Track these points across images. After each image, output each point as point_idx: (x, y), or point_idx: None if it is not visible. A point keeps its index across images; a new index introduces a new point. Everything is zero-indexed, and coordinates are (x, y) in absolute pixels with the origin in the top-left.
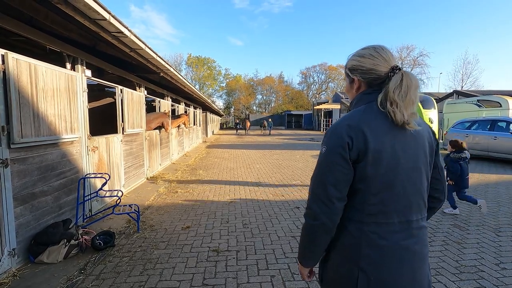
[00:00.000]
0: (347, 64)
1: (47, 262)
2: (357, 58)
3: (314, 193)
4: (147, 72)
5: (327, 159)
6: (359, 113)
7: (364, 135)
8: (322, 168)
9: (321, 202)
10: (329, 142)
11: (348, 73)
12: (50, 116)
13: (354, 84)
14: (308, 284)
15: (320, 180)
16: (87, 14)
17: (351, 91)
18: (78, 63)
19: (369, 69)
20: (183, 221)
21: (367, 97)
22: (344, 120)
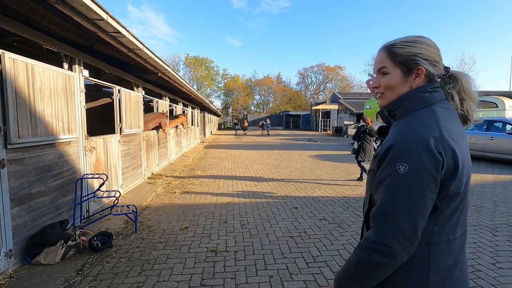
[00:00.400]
0: (400, 50)
1: (44, 263)
2: (421, 45)
3: (397, 229)
4: (145, 72)
5: (415, 184)
6: (435, 116)
7: (452, 147)
8: (408, 195)
9: (406, 240)
10: (414, 159)
11: (402, 61)
12: (47, 117)
13: (414, 76)
14: (307, 285)
15: (407, 212)
16: (85, 14)
17: (404, 85)
18: (75, 63)
19: (436, 61)
20: (181, 222)
21: (435, 95)
22: (425, 127)
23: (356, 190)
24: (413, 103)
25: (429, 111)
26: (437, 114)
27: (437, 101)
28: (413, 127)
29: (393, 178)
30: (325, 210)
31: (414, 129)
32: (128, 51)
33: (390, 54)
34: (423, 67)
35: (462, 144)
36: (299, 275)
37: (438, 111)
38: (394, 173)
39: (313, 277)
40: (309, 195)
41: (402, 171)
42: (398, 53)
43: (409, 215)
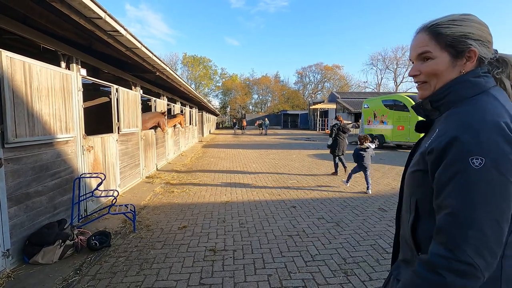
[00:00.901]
0: (448, 31)
1: (42, 262)
2: (471, 23)
3: (482, 240)
4: (143, 71)
5: (498, 180)
6: (499, 101)
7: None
8: (491, 195)
9: (491, 254)
10: (492, 150)
11: (451, 43)
12: (45, 116)
13: (465, 59)
14: (306, 283)
15: (492, 217)
16: (82, 13)
17: (453, 70)
18: (73, 62)
19: (488, 41)
20: (179, 221)
21: (489, 80)
22: (493, 112)
23: (353, 189)
24: (466, 88)
25: (489, 96)
26: (500, 99)
27: (492, 86)
28: (479, 113)
29: (467, 176)
30: (323, 209)
31: (481, 115)
32: (126, 50)
33: (434, 36)
34: (475, 49)
35: None
36: (297, 274)
37: (498, 96)
38: (467, 170)
39: (311, 276)
40: (307, 194)
41: (478, 166)
42: (445, 33)
43: (495, 220)
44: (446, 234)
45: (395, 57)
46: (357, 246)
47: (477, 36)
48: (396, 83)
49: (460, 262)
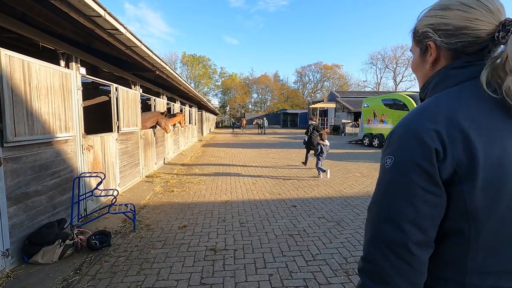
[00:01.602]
0: (418, 25)
1: (42, 262)
2: (437, 12)
3: (378, 236)
4: (143, 70)
5: (399, 178)
6: (450, 98)
7: (466, 135)
8: (389, 193)
9: (391, 252)
10: (399, 149)
11: (418, 39)
12: (44, 115)
13: (428, 55)
14: (307, 283)
15: (387, 215)
16: (82, 11)
17: (423, 66)
18: (72, 60)
19: (460, 27)
20: (179, 220)
21: (461, 73)
22: (423, 111)
23: (354, 188)
24: (438, 84)
25: (453, 90)
26: (457, 95)
27: (463, 80)
28: (415, 111)
29: (379, 173)
30: (323, 208)
31: (413, 114)
32: (125, 48)
33: (412, 32)
34: (432, 41)
35: (504, 144)
36: (298, 273)
37: (460, 92)
38: (381, 168)
39: (312, 275)
40: (307, 193)
41: (388, 165)
42: (416, 28)
43: (389, 218)
44: (365, 232)
45: (394, 56)
46: (358, 246)
47: (437, 26)
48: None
49: (365, 261)
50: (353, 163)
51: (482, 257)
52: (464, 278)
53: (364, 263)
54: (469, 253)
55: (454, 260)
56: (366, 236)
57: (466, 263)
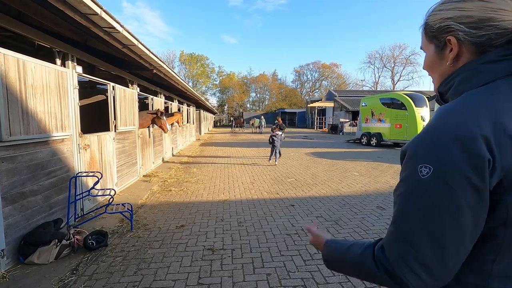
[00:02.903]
0: (431, 20)
1: (38, 263)
2: (455, 4)
3: (415, 257)
4: (140, 69)
5: (441, 192)
6: (488, 98)
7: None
8: (430, 208)
9: (425, 273)
10: (440, 157)
11: (433, 34)
12: (40, 114)
13: (448, 51)
14: (305, 282)
15: (428, 233)
16: (77, 9)
17: (441, 63)
18: (68, 59)
19: (484, 18)
20: (177, 220)
21: (495, 69)
22: (462, 112)
23: (351, 187)
24: (465, 80)
25: (489, 88)
26: (500, 91)
27: (498, 78)
28: (450, 113)
29: (410, 183)
30: (321, 207)
31: (449, 116)
32: (122, 47)
33: (424, 27)
34: (452, 36)
35: None
36: (296, 273)
37: (505, 86)
38: (413, 177)
39: (310, 275)
40: (305, 192)
41: (425, 175)
42: (429, 23)
43: (432, 238)
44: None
45: (392, 56)
46: None
47: (458, 19)
48: (394, 81)
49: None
50: (351, 162)
51: (508, 262)
52: (487, 282)
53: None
54: (498, 258)
55: (481, 265)
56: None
57: (492, 267)
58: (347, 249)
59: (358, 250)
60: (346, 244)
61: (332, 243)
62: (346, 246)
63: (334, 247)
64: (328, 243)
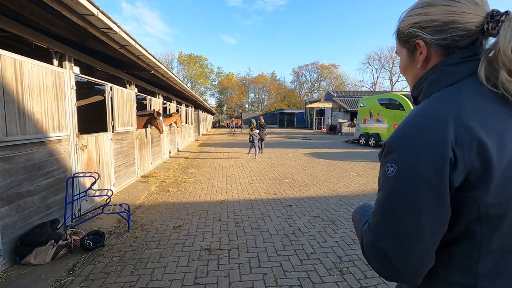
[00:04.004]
0: (401, 26)
1: (34, 263)
2: (421, 10)
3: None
4: (138, 69)
5: (404, 192)
6: (452, 99)
7: (477, 138)
8: (393, 207)
9: (387, 263)
10: (403, 157)
11: (404, 39)
12: (37, 114)
13: (418, 54)
14: (301, 282)
15: (392, 231)
16: (74, 9)
17: (413, 66)
18: (65, 59)
19: (448, 21)
20: (174, 220)
21: (458, 70)
22: (429, 114)
23: (349, 188)
24: (433, 82)
25: (453, 89)
26: (463, 91)
27: (461, 78)
28: (416, 114)
29: (381, 182)
30: (319, 207)
31: (415, 116)
32: (120, 47)
33: (396, 34)
34: (421, 39)
35: (508, 138)
36: (292, 273)
37: (467, 86)
38: (383, 176)
39: (306, 274)
40: (303, 192)
41: (390, 174)
42: (400, 29)
43: (393, 232)
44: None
45: (390, 56)
46: (353, 245)
47: (424, 23)
48: (392, 82)
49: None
50: (348, 162)
51: (494, 260)
52: (475, 282)
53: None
54: (481, 256)
55: (465, 264)
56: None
57: (477, 266)
58: (359, 219)
59: (361, 225)
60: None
61: (357, 209)
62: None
63: (356, 212)
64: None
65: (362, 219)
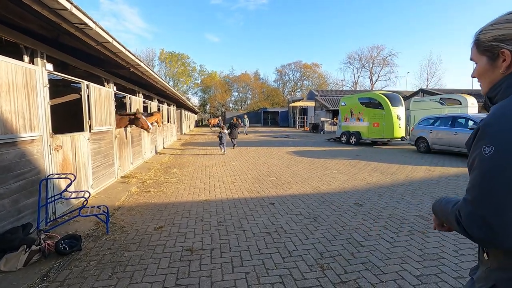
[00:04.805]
0: (483, 37)
1: (5, 270)
2: (506, 25)
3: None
4: (116, 67)
5: (505, 167)
6: None
7: None
8: (492, 181)
9: (491, 231)
10: (500, 139)
11: (486, 48)
12: (6, 113)
13: (500, 61)
14: (283, 279)
15: (493, 200)
16: (45, 3)
17: (493, 71)
18: (37, 56)
19: None
20: (155, 221)
21: None
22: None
23: (331, 185)
24: (504, 88)
25: None
26: None
27: None
28: (506, 105)
29: (478, 162)
30: (301, 205)
31: (505, 106)
32: (96, 44)
33: (476, 44)
34: (506, 49)
35: None
36: (275, 270)
37: None
38: (479, 157)
39: (288, 272)
40: (285, 190)
41: (487, 154)
42: (481, 40)
43: (498, 207)
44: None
45: (370, 56)
46: (333, 241)
47: (509, 36)
48: (372, 81)
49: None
50: (330, 160)
51: None
52: None
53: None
54: None
55: None
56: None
57: None
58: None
59: (452, 205)
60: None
61: (438, 200)
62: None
63: (439, 201)
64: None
65: (448, 204)
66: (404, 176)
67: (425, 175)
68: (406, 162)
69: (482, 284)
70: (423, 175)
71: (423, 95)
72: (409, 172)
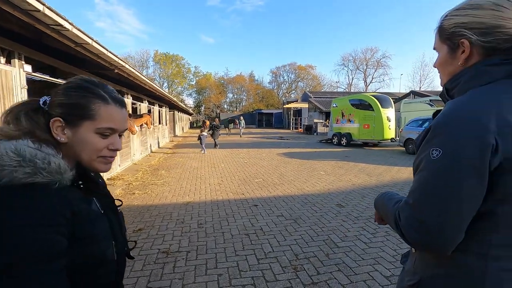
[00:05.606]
0: (446, 24)
1: None
2: (469, 11)
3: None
4: (101, 68)
5: (448, 173)
6: (491, 94)
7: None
8: (437, 185)
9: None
10: (449, 142)
11: (447, 36)
12: None
13: (460, 52)
14: (255, 281)
15: (434, 207)
16: (16, 4)
17: (452, 62)
18: (15, 57)
19: (494, 25)
20: (135, 224)
21: (497, 71)
22: (474, 105)
23: (316, 186)
24: (472, 79)
25: (493, 86)
26: (500, 89)
27: (506, 76)
28: (460, 104)
29: (424, 164)
30: (284, 206)
31: (459, 106)
32: (75, 45)
33: (438, 30)
34: (466, 39)
35: None
36: (248, 272)
37: (503, 86)
38: (426, 159)
39: (261, 273)
40: (270, 192)
41: (435, 157)
42: (443, 26)
43: (439, 212)
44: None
45: (364, 58)
46: (310, 242)
47: (471, 24)
48: (366, 83)
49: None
50: (319, 161)
51: (508, 235)
52: (487, 250)
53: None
54: (499, 231)
55: (480, 237)
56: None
57: (491, 238)
58: (387, 200)
59: (393, 204)
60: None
61: (381, 195)
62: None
63: (382, 196)
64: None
65: (390, 201)
66: (390, 177)
67: (410, 176)
68: (393, 163)
69: (410, 279)
70: (408, 176)
71: (414, 97)
72: (395, 174)
